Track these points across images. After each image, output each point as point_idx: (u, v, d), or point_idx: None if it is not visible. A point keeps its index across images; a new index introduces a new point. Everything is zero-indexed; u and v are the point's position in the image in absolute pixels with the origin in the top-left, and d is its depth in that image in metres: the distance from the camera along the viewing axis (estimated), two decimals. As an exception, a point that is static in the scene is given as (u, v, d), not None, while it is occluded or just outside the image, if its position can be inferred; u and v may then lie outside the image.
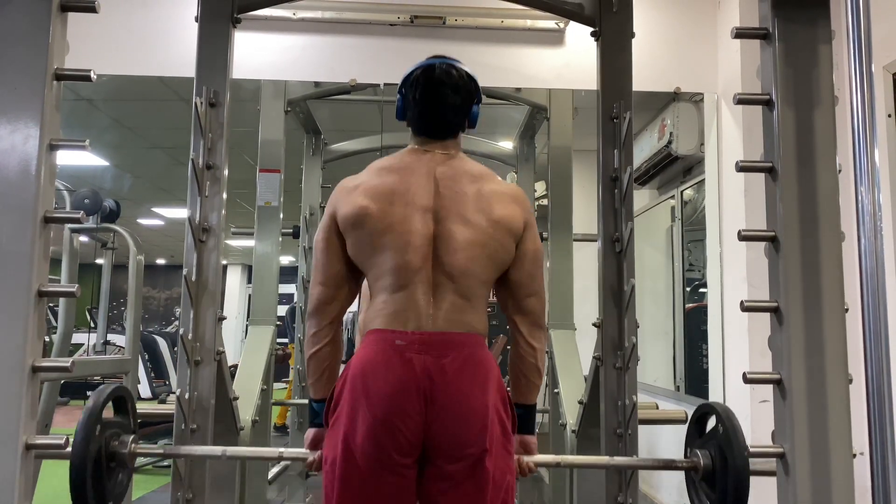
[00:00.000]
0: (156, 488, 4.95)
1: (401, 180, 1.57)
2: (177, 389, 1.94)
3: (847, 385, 1.36)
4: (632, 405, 1.98)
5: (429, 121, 1.65)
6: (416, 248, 1.52)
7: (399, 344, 1.48)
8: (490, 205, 1.57)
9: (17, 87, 1.34)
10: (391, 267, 1.53)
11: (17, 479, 1.25)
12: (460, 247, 1.53)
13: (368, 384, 1.46)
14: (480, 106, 1.70)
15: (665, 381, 4.76)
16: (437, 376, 1.45)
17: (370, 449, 1.43)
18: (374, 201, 1.54)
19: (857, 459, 1.34)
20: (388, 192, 1.55)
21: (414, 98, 1.64)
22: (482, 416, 1.46)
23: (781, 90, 1.42)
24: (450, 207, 1.55)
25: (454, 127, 1.67)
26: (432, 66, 1.64)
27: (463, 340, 1.51)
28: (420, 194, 1.55)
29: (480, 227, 1.55)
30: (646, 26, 3.10)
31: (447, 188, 1.57)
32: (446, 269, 1.52)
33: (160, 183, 8.08)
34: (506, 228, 1.57)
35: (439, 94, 1.62)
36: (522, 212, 1.62)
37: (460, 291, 1.53)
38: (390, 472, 1.44)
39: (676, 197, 4.67)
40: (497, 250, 1.57)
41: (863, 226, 1.22)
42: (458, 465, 1.44)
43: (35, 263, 1.31)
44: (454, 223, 1.54)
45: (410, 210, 1.54)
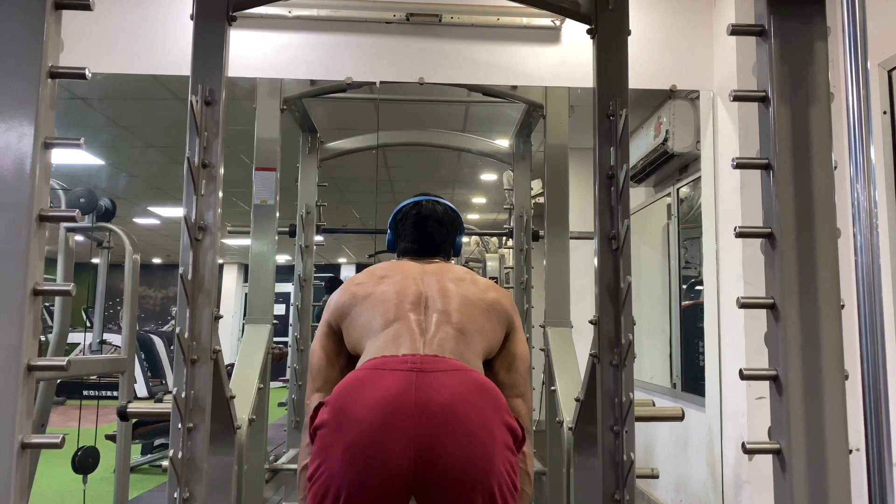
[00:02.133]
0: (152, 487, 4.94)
1: (392, 270, 1.70)
2: (173, 388, 1.93)
3: (843, 381, 1.36)
4: (628, 402, 1.98)
5: (418, 251, 1.80)
6: (408, 296, 1.59)
7: (386, 364, 1.39)
8: (481, 289, 1.68)
9: (11, 86, 1.33)
10: (383, 311, 1.55)
11: (12, 479, 1.25)
12: (454, 297, 1.61)
13: (346, 407, 1.34)
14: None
15: (662, 379, 4.77)
16: (433, 387, 1.33)
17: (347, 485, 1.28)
18: (365, 282, 1.66)
19: (853, 455, 1.34)
20: (379, 276, 1.67)
21: (404, 231, 1.83)
22: (488, 437, 1.32)
23: (777, 87, 1.43)
24: (440, 287, 1.64)
25: (442, 253, 1.84)
26: (420, 203, 1.85)
27: (459, 365, 1.43)
28: (408, 283, 1.64)
29: (473, 293, 1.64)
30: (642, 24, 3.11)
31: (437, 282, 1.66)
32: (441, 310, 1.57)
33: (156, 182, 8.08)
34: (497, 308, 1.66)
35: (427, 225, 1.81)
36: (511, 308, 1.72)
37: (456, 328, 1.53)
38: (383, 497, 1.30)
39: (672, 194, 4.68)
40: (490, 313, 1.63)
41: (858, 222, 1.22)
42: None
43: (30, 262, 1.30)
44: (446, 290, 1.63)
45: (402, 281, 1.64)
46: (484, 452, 1.29)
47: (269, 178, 3.45)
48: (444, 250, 1.84)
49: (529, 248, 4.00)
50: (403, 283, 1.62)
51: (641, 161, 4.67)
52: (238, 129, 3.65)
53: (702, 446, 3.70)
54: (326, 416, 1.36)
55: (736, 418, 3.01)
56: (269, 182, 3.45)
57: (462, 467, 1.26)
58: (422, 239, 1.81)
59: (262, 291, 3.42)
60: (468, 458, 1.27)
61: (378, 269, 1.73)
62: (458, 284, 1.66)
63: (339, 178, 7.17)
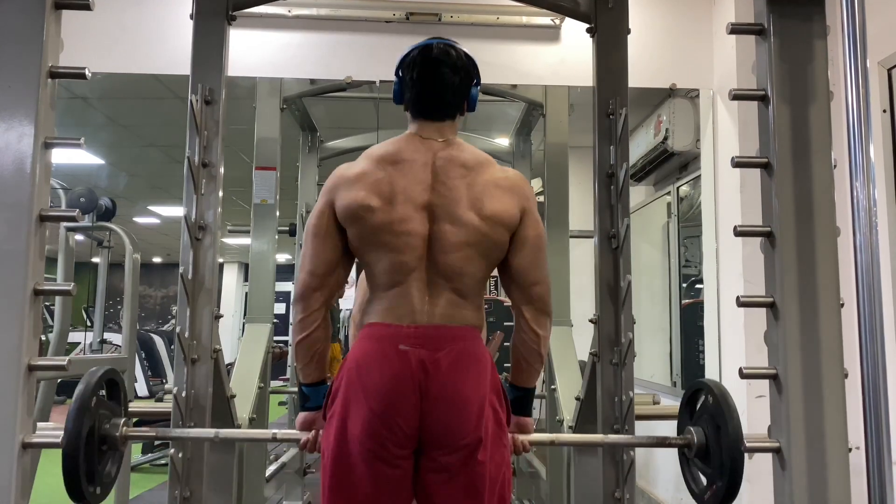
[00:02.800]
0: (153, 486, 4.95)
1: (400, 174, 1.55)
2: (174, 388, 1.93)
3: (843, 379, 1.36)
4: (628, 401, 1.98)
5: (427, 101, 1.61)
6: (412, 248, 1.52)
7: (394, 338, 1.49)
8: (482, 200, 1.55)
9: (12, 85, 1.33)
10: (387, 266, 1.53)
11: (13, 477, 1.25)
12: (454, 247, 1.53)
13: (364, 378, 1.47)
14: (476, 104, 1.69)
15: (662, 377, 4.77)
16: (432, 369, 1.45)
17: (367, 441, 1.44)
18: (374, 197, 1.53)
19: (852, 453, 1.34)
20: (388, 188, 1.54)
21: (412, 78, 1.60)
22: (477, 408, 1.47)
23: (777, 86, 1.43)
24: (444, 205, 1.54)
25: (453, 108, 1.63)
26: (430, 46, 1.61)
27: (458, 334, 1.52)
28: (418, 191, 1.54)
29: (472, 225, 1.53)
30: (641, 23, 3.11)
31: (443, 183, 1.55)
32: (441, 268, 1.53)
33: (156, 181, 8.07)
34: (499, 223, 1.55)
35: (438, 73, 1.59)
36: (518, 200, 1.59)
37: (455, 289, 1.53)
38: (386, 464, 1.44)
39: (672, 193, 4.67)
40: (490, 248, 1.56)
41: (858, 221, 1.22)
42: (453, 457, 1.45)
43: (31, 262, 1.31)
44: (448, 223, 1.53)
45: (409, 208, 1.53)
46: (474, 418, 1.47)
47: (269, 177, 3.45)
48: (456, 105, 1.63)
49: (530, 246, 3.99)
50: (411, 216, 1.52)
51: (641, 160, 4.67)
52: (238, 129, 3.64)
53: (702, 445, 3.69)
54: (352, 377, 1.49)
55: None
56: (269, 181, 3.45)
57: (455, 429, 1.46)
58: (432, 92, 1.60)
59: (263, 290, 3.43)
60: (461, 424, 1.46)
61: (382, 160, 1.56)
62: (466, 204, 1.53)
63: (339, 177, 7.15)
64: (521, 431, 1.68)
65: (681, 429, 1.68)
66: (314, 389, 1.61)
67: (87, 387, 1.49)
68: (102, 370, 1.56)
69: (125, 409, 1.66)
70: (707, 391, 1.61)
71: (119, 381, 1.65)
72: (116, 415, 1.61)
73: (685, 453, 1.64)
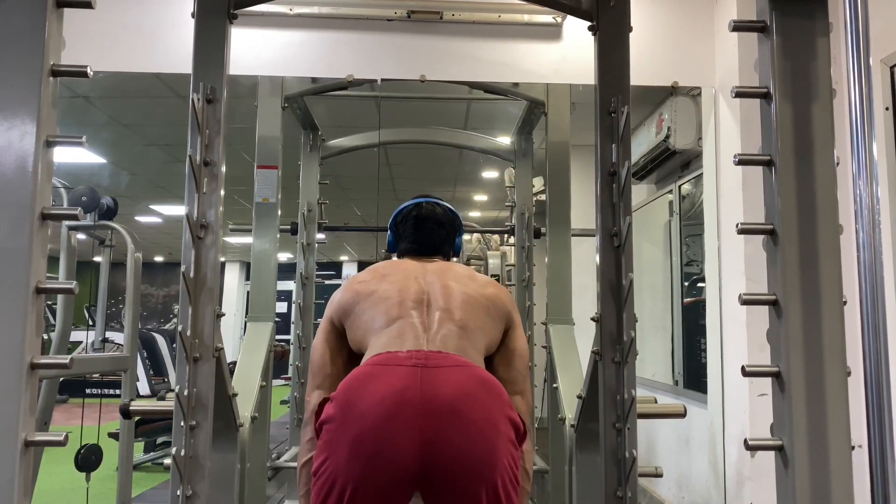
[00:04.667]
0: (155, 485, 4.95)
1: (394, 269, 1.71)
2: (176, 386, 1.94)
3: (845, 377, 1.36)
4: (630, 399, 1.98)
5: (419, 248, 1.83)
6: (410, 293, 1.60)
7: (391, 359, 1.42)
8: (480, 284, 1.70)
9: (14, 84, 1.33)
10: (385, 309, 1.57)
11: (16, 476, 1.25)
12: (455, 295, 1.62)
13: (358, 393, 1.37)
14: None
15: (664, 376, 4.77)
16: (433, 378, 1.36)
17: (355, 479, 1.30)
18: (368, 280, 1.67)
19: (855, 452, 1.34)
20: (381, 274, 1.68)
21: (405, 232, 1.85)
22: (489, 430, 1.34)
23: (779, 83, 1.42)
24: (443, 286, 1.65)
25: (441, 254, 1.85)
26: (420, 204, 1.87)
27: (462, 360, 1.45)
28: (410, 281, 1.65)
29: (473, 289, 1.66)
30: (643, 21, 3.10)
31: (437, 279, 1.68)
32: (443, 308, 1.59)
33: (157, 180, 8.08)
34: (496, 303, 1.67)
35: (427, 226, 1.83)
36: (510, 304, 1.73)
37: (458, 324, 1.55)
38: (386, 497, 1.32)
39: (674, 191, 4.67)
40: (490, 309, 1.65)
41: (861, 219, 1.22)
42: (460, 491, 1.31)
43: (33, 260, 1.31)
44: (448, 288, 1.64)
45: (404, 279, 1.65)
46: (487, 446, 1.31)
47: (271, 175, 3.45)
48: (443, 251, 1.86)
49: (531, 245, 4.00)
50: (405, 281, 1.64)
51: (643, 158, 4.67)
52: (239, 127, 3.65)
53: (704, 443, 3.70)
54: (333, 411, 1.38)
55: (738, 415, 3.01)
56: (271, 180, 3.45)
57: (466, 461, 1.28)
58: (422, 240, 1.83)
59: (264, 289, 3.43)
60: (472, 452, 1.29)
61: (380, 267, 1.74)
62: (459, 281, 1.68)
63: (340, 176, 7.17)
64: None
65: None
66: None
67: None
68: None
69: None
70: None
71: None
72: None
73: None
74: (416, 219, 1.85)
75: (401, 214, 1.88)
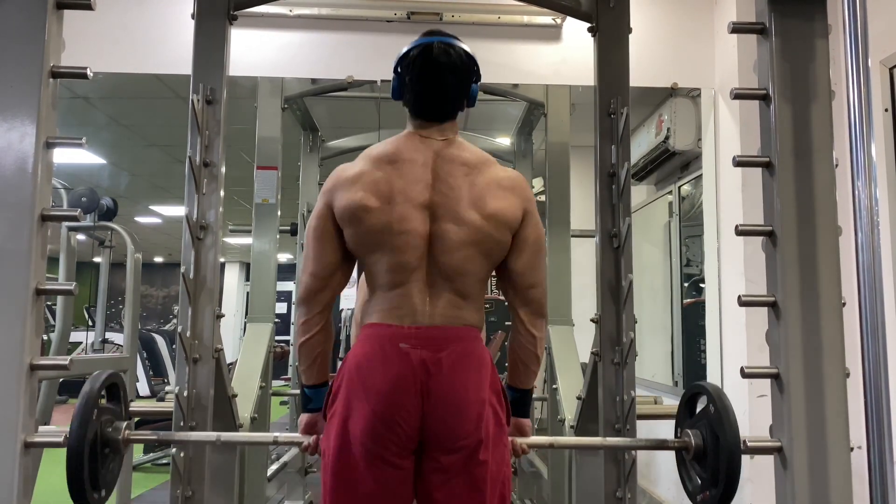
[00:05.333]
0: (155, 486, 4.95)
1: (399, 174, 1.54)
2: (175, 387, 1.94)
3: (844, 379, 1.36)
4: (630, 400, 1.98)
5: (427, 103, 1.59)
6: (413, 248, 1.51)
7: (395, 338, 1.49)
8: (484, 199, 1.53)
9: (14, 85, 1.34)
10: (388, 266, 1.53)
11: (16, 477, 1.25)
12: (455, 247, 1.51)
13: (365, 378, 1.47)
14: (477, 103, 1.68)
15: (663, 377, 4.77)
16: (434, 370, 1.46)
17: (367, 441, 1.44)
18: (373, 197, 1.52)
19: (854, 453, 1.34)
20: (386, 188, 1.52)
21: (411, 80, 1.58)
22: (477, 408, 1.47)
23: (778, 85, 1.43)
24: (445, 204, 1.53)
25: (453, 108, 1.61)
26: (430, 46, 1.57)
27: (458, 334, 1.52)
28: (418, 189, 1.53)
29: (475, 224, 1.52)
30: (643, 22, 3.10)
31: (443, 182, 1.54)
32: (442, 268, 1.52)
33: (157, 181, 8.07)
34: (501, 222, 1.54)
35: (438, 75, 1.57)
36: (520, 201, 1.57)
37: (456, 289, 1.53)
38: (387, 465, 1.45)
39: (674, 192, 4.67)
40: (492, 247, 1.55)
41: (860, 220, 1.22)
42: (453, 457, 1.45)
43: (33, 261, 1.31)
44: (449, 222, 1.52)
45: (408, 208, 1.52)
46: (475, 419, 1.47)
47: (271, 176, 3.46)
48: (457, 104, 1.62)
49: (531, 246, 3.99)
50: (408, 210, 1.51)
51: (643, 159, 4.66)
52: (239, 128, 3.65)
53: (703, 444, 3.68)
54: (353, 377, 1.50)
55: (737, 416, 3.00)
56: (271, 181, 3.45)
57: (457, 430, 1.46)
58: (431, 95, 1.58)
59: (264, 290, 3.43)
60: (462, 424, 1.46)
61: (380, 159, 1.56)
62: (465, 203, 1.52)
63: (340, 177, 7.16)
64: (520, 433, 1.68)
65: (678, 431, 1.68)
66: (316, 391, 1.62)
67: (90, 391, 1.49)
68: (105, 374, 1.56)
69: (126, 412, 1.67)
70: (707, 396, 1.61)
71: (121, 384, 1.65)
72: (118, 418, 1.61)
73: (683, 455, 1.64)
74: (425, 65, 1.56)
75: (408, 57, 1.59)
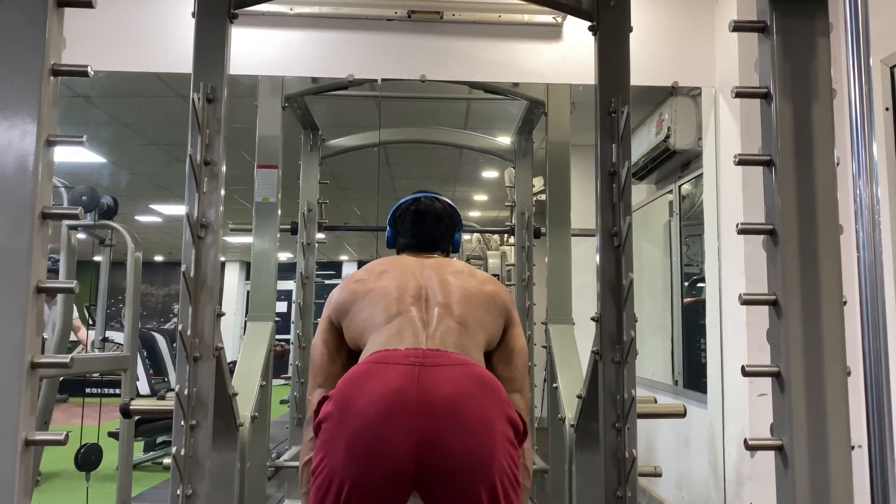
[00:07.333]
0: (155, 484, 4.95)
1: (392, 266, 1.70)
2: (176, 386, 1.94)
3: (845, 377, 1.36)
4: (630, 399, 1.98)
5: (417, 245, 1.82)
6: (408, 290, 1.61)
7: (390, 357, 1.41)
8: (480, 282, 1.69)
9: (14, 83, 1.33)
10: (384, 305, 1.56)
11: (16, 475, 1.25)
12: (454, 290, 1.62)
13: (356, 391, 1.36)
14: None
15: (664, 376, 4.77)
16: (431, 378, 1.34)
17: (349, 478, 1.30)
18: (365, 279, 1.67)
19: (855, 452, 1.34)
20: (378, 272, 1.68)
21: (403, 227, 1.84)
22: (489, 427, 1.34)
23: (779, 83, 1.42)
24: (441, 279, 1.65)
25: (439, 250, 1.85)
26: (419, 199, 1.87)
27: (461, 359, 1.44)
28: (408, 277, 1.65)
29: (472, 285, 1.66)
30: (643, 21, 3.10)
31: (435, 274, 1.68)
32: (442, 303, 1.59)
33: (158, 180, 8.08)
34: (495, 300, 1.67)
35: (426, 221, 1.83)
36: (509, 302, 1.73)
37: (458, 320, 1.55)
38: None
39: (674, 191, 4.67)
40: (489, 305, 1.64)
41: (861, 219, 1.22)
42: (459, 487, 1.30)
43: (33, 259, 1.31)
44: (446, 283, 1.64)
45: (402, 275, 1.65)
46: (486, 446, 1.30)
47: (271, 175, 3.45)
48: (442, 246, 1.85)
49: (531, 245, 4.00)
50: (403, 278, 1.64)
51: (643, 158, 4.67)
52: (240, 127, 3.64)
53: (703, 443, 3.70)
54: (330, 409, 1.37)
55: (738, 415, 3.01)
56: (271, 179, 3.45)
57: (463, 460, 1.27)
58: (420, 234, 1.82)
59: (264, 289, 3.43)
60: (470, 452, 1.28)
61: (377, 264, 1.74)
62: (458, 277, 1.68)
63: (340, 176, 7.17)
64: None
65: None
66: None
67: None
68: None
69: None
70: None
71: None
72: None
73: None
74: (415, 213, 1.84)
75: (399, 209, 1.88)
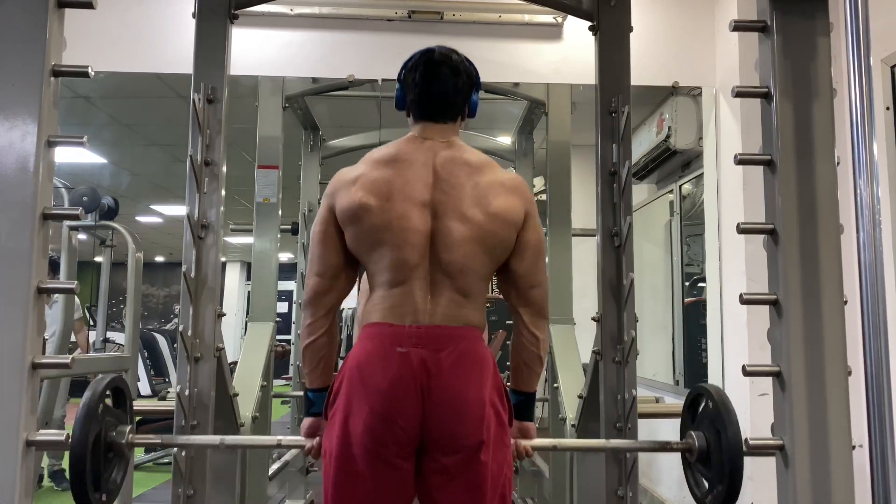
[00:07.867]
0: (157, 485, 4.95)
1: (399, 174, 1.55)
2: (177, 386, 1.94)
3: (846, 377, 1.36)
4: (631, 399, 1.98)
5: (429, 102, 1.62)
6: (414, 245, 1.51)
7: (396, 338, 1.48)
8: (488, 197, 1.54)
9: (15, 84, 1.34)
10: (389, 263, 1.53)
11: (18, 476, 1.25)
12: (458, 243, 1.52)
13: (366, 378, 1.47)
14: (479, 101, 1.70)
15: (664, 376, 4.77)
16: (434, 370, 1.45)
17: (368, 443, 1.44)
18: (372, 196, 1.53)
19: (856, 451, 1.34)
20: (386, 187, 1.53)
21: (414, 80, 1.62)
22: (478, 409, 1.46)
23: (780, 83, 1.42)
24: (448, 202, 1.53)
25: (454, 109, 1.64)
26: (432, 50, 1.64)
27: (460, 334, 1.51)
28: (418, 188, 1.54)
29: (478, 222, 1.53)
30: (644, 20, 3.10)
31: (445, 181, 1.55)
32: (444, 265, 1.52)
33: (158, 180, 8.07)
34: (504, 220, 1.55)
35: (439, 73, 1.61)
36: (522, 202, 1.59)
37: (458, 287, 1.53)
38: (388, 465, 1.44)
39: (675, 191, 4.67)
40: (495, 245, 1.56)
41: (861, 218, 1.22)
42: (454, 458, 1.45)
43: (34, 260, 1.31)
44: (452, 219, 1.52)
45: (409, 206, 1.52)
46: (476, 420, 1.47)
47: (272, 175, 3.46)
48: (457, 105, 1.64)
49: (532, 245, 3.99)
50: (408, 209, 1.51)
51: (644, 158, 4.66)
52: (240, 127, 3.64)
53: (705, 443, 3.68)
54: (353, 376, 1.49)
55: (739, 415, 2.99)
56: (272, 180, 3.45)
57: (458, 431, 1.46)
58: (434, 90, 1.61)
59: (265, 289, 3.43)
60: (463, 425, 1.46)
61: (380, 161, 1.57)
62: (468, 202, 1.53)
63: (341, 176, 7.16)
64: (524, 436, 1.67)
65: (683, 433, 1.69)
66: (319, 395, 1.61)
67: (93, 394, 1.49)
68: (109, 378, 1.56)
69: (130, 417, 1.67)
70: (707, 397, 1.61)
71: (125, 388, 1.65)
72: (122, 422, 1.61)
73: (687, 457, 1.65)
74: (428, 64, 1.61)
75: (411, 61, 1.65)
